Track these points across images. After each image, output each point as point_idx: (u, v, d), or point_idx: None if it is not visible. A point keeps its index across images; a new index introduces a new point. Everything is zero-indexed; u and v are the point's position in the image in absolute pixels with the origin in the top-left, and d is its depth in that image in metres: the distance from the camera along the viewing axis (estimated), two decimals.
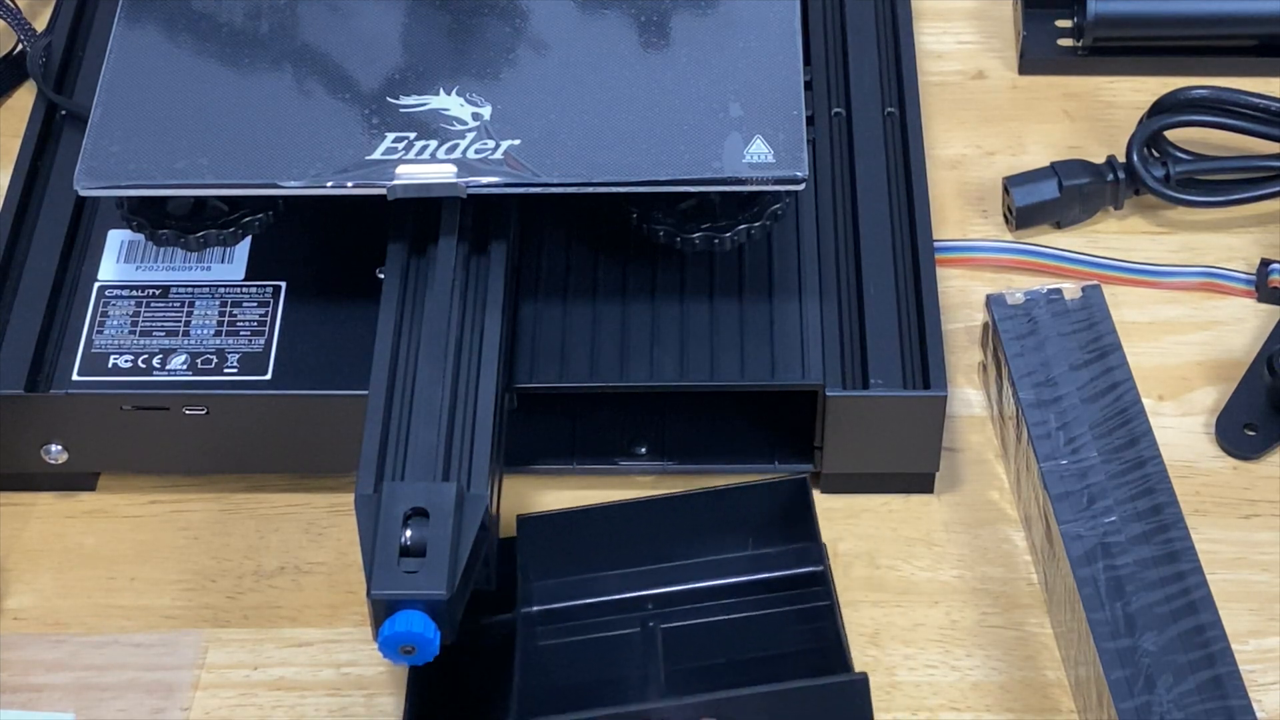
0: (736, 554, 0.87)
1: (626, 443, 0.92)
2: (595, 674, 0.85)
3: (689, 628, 0.86)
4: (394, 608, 0.76)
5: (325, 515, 0.92)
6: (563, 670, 0.85)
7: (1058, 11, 1.10)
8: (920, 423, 0.89)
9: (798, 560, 0.87)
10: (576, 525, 0.87)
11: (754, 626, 0.86)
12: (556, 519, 0.87)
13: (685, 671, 0.84)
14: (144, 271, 0.93)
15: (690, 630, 0.86)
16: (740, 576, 0.87)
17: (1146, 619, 0.81)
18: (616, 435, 0.92)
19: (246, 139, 0.88)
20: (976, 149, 1.06)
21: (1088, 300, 0.93)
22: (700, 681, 0.83)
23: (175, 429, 0.89)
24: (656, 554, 0.87)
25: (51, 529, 0.92)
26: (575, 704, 0.82)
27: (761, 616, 0.87)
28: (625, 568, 0.87)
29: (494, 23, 0.93)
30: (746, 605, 0.87)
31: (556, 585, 0.87)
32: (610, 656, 0.86)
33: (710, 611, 0.87)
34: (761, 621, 0.86)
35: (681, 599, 0.87)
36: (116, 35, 0.92)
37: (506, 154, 0.87)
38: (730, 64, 0.90)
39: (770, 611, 0.87)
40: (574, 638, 0.86)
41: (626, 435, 0.92)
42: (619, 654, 0.86)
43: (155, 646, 0.87)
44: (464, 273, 0.87)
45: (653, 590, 0.87)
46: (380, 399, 0.83)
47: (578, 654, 0.86)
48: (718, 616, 0.86)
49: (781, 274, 0.92)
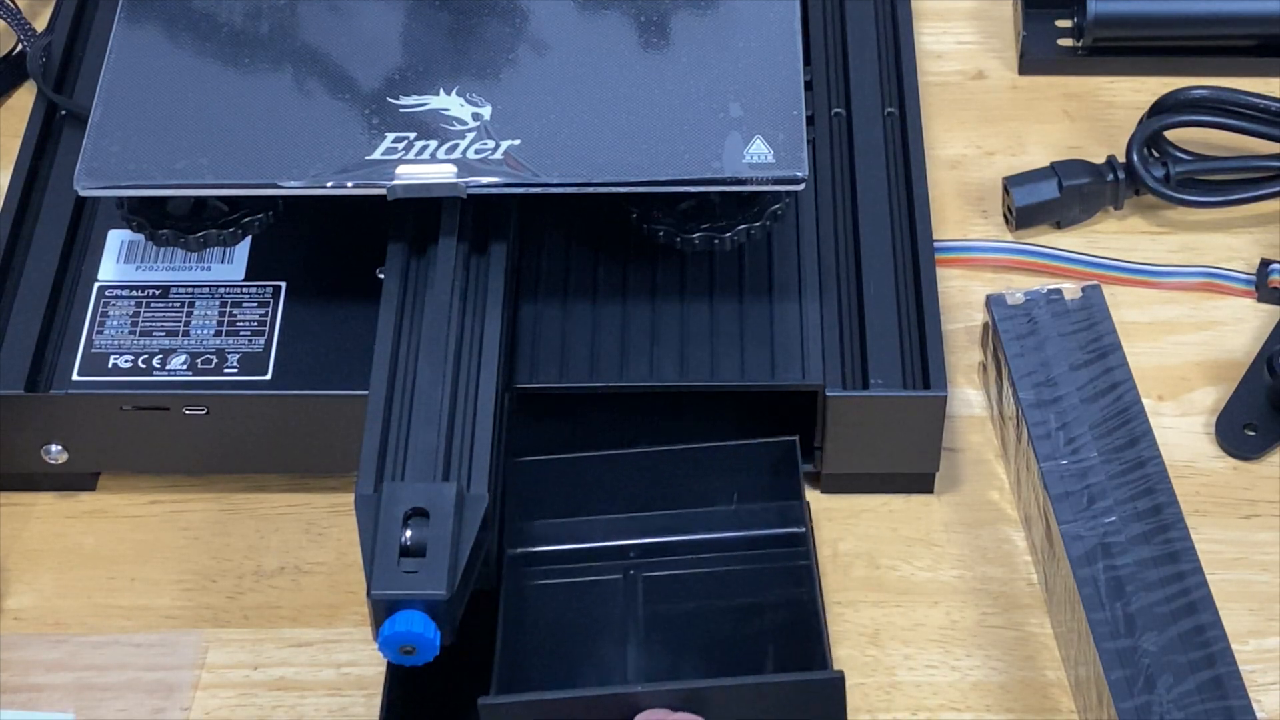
0: (721, 508, 0.88)
1: (626, 443, 0.92)
2: (577, 615, 0.86)
3: (670, 577, 0.87)
4: (394, 608, 0.76)
5: (325, 515, 0.92)
6: (546, 610, 0.86)
7: (1058, 11, 1.10)
8: (920, 423, 0.89)
9: (781, 520, 0.88)
10: (567, 472, 0.88)
11: (733, 580, 0.87)
12: (548, 465, 0.88)
13: (663, 616, 0.86)
14: (144, 271, 0.93)
15: (671, 580, 0.87)
16: (723, 532, 0.88)
17: (1146, 619, 0.81)
18: (616, 436, 0.92)
19: (246, 139, 0.88)
20: (976, 149, 1.06)
21: (1088, 300, 0.93)
22: (677, 629, 0.85)
23: (175, 429, 0.89)
24: (644, 504, 0.88)
25: (51, 529, 0.92)
26: (557, 642, 0.84)
27: (741, 571, 0.88)
28: (612, 514, 0.88)
29: (494, 23, 0.93)
30: (728, 560, 0.88)
31: (544, 528, 0.88)
32: (592, 599, 0.87)
33: (692, 564, 0.88)
34: (741, 576, 0.87)
35: (665, 550, 0.88)
36: (116, 35, 0.92)
37: (506, 154, 0.87)
38: (730, 64, 0.90)
39: (750, 567, 0.88)
40: (558, 580, 0.87)
41: (626, 436, 0.92)
42: (601, 597, 0.87)
43: (155, 646, 0.87)
44: (464, 273, 0.87)
45: (637, 540, 0.88)
46: (380, 399, 0.83)
47: (561, 596, 0.87)
48: (699, 569, 0.88)
49: (781, 274, 0.92)
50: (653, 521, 0.88)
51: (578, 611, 0.86)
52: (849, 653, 0.87)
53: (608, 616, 0.86)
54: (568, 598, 0.87)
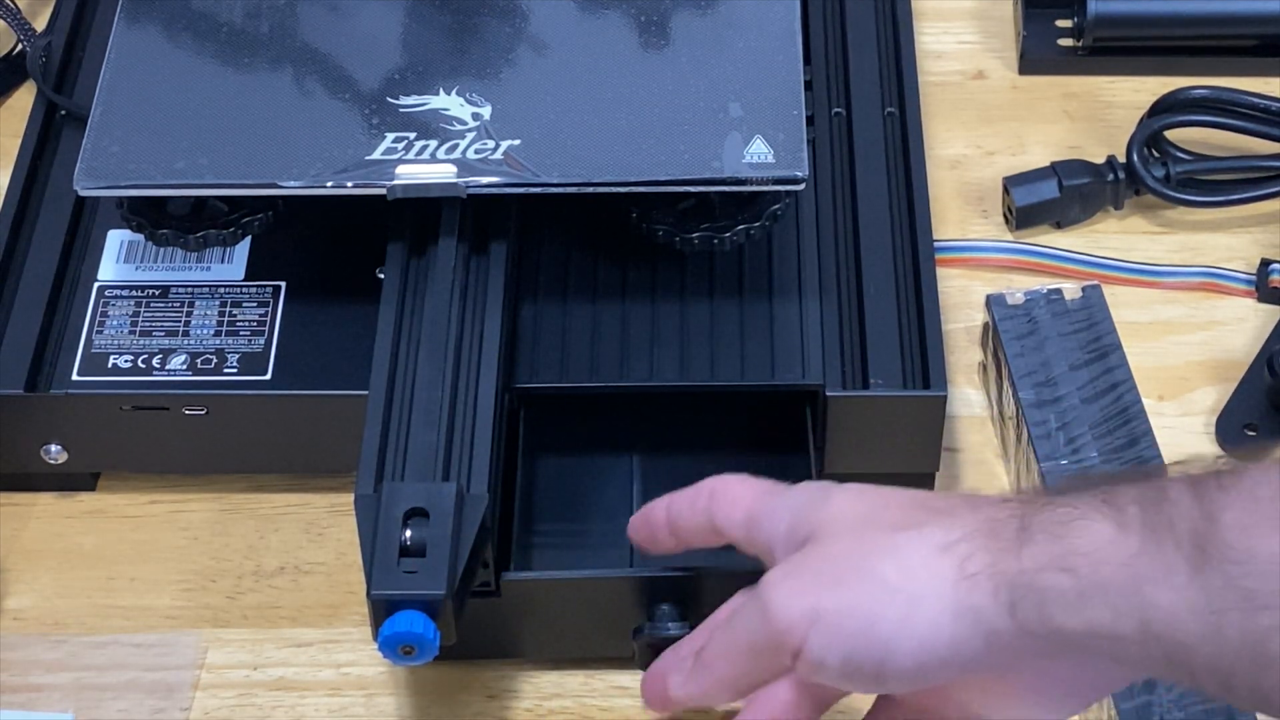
0: (727, 453, 0.88)
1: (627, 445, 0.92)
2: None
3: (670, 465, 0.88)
4: (393, 607, 0.76)
5: (325, 515, 0.92)
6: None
7: (1058, 11, 1.10)
8: (920, 423, 0.89)
9: (783, 474, 0.87)
10: (578, 404, 0.89)
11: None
12: (559, 397, 0.89)
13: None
14: (144, 271, 0.93)
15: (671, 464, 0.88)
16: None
17: None
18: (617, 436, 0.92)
19: (246, 139, 0.88)
20: (976, 149, 1.06)
21: (1088, 300, 0.93)
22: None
23: (175, 429, 0.89)
24: (651, 438, 0.89)
25: (51, 529, 0.92)
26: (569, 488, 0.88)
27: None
28: (618, 432, 0.89)
29: (494, 23, 0.93)
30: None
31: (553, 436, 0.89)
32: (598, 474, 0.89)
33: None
34: None
35: (666, 458, 0.89)
36: (116, 35, 0.92)
37: (506, 154, 0.87)
38: (730, 64, 0.90)
39: None
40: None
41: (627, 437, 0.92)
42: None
43: (155, 647, 0.87)
44: (464, 273, 0.87)
45: (640, 453, 0.89)
46: (380, 399, 0.83)
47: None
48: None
49: (781, 274, 0.92)
50: (656, 444, 0.89)
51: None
52: None
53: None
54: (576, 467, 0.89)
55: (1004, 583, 0.64)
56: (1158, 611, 0.61)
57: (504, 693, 0.85)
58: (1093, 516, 0.63)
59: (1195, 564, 0.60)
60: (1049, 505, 0.64)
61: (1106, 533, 0.62)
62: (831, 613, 0.67)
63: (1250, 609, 0.59)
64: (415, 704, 0.85)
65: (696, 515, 0.76)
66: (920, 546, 0.66)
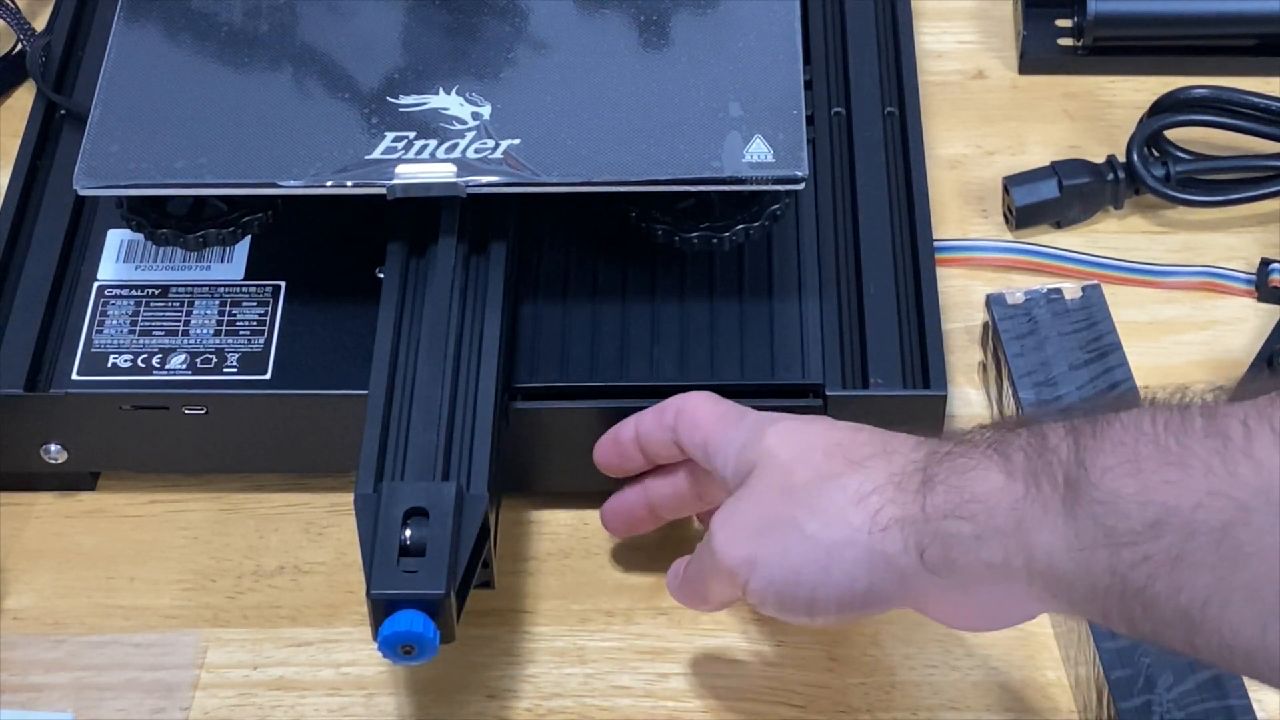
0: None
1: None
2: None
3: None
4: (393, 607, 0.76)
5: (325, 515, 0.92)
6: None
7: (1058, 11, 1.10)
8: (920, 422, 0.89)
9: None
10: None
11: None
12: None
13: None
14: (144, 271, 0.93)
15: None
16: None
17: None
18: None
19: (246, 139, 0.88)
20: (976, 149, 1.06)
21: (1088, 300, 0.93)
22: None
23: (175, 429, 0.89)
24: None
25: (51, 529, 0.92)
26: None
27: None
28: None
29: (494, 22, 0.93)
30: None
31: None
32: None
33: None
34: None
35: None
36: (116, 35, 0.92)
37: (506, 153, 0.87)
38: (730, 64, 0.90)
39: None
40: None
41: None
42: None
43: (155, 646, 0.87)
44: (464, 273, 0.87)
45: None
46: (380, 399, 0.83)
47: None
48: None
49: (781, 274, 0.92)
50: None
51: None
52: (849, 652, 0.87)
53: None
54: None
55: (911, 531, 0.71)
56: (1039, 550, 0.67)
57: (504, 693, 0.86)
58: (986, 465, 0.70)
59: (1069, 505, 0.66)
60: (949, 456, 0.71)
61: (997, 480, 0.69)
62: (763, 562, 0.75)
63: (1113, 545, 0.65)
64: (415, 704, 0.85)
65: (663, 432, 0.83)
66: (837, 497, 0.73)
